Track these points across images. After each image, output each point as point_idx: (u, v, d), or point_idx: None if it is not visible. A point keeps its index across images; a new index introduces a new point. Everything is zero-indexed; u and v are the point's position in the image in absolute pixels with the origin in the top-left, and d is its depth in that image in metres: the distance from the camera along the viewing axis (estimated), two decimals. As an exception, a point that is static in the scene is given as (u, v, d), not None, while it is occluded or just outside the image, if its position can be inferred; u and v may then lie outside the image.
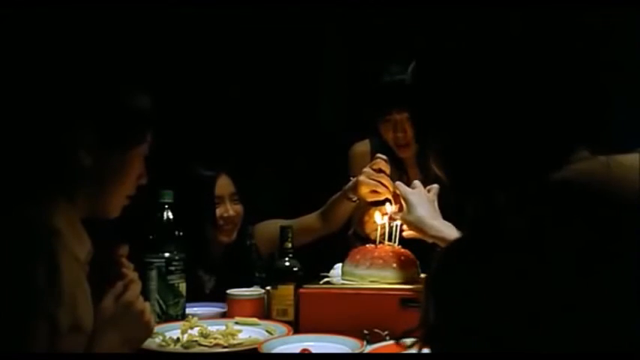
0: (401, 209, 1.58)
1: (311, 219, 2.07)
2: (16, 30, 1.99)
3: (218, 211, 2.04)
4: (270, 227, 2.15)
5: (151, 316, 1.12)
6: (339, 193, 1.94)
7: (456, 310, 0.67)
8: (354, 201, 1.89)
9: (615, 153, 0.72)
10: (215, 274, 2.08)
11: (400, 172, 2.03)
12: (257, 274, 2.12)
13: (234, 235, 2.09)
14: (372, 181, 1.73)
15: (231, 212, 2.06)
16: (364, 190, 1.77)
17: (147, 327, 1.11)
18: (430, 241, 1.45)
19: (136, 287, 1.10)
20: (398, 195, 1.61)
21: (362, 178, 1.76)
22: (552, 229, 0.65)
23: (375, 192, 1.74)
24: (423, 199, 1.51)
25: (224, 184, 2.06)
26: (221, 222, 2.05)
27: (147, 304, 1.12)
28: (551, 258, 0.63)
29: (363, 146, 2.18)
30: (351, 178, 1.85)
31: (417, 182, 1.58)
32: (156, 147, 1.17)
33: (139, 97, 1.11)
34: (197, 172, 2.05)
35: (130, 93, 1.09)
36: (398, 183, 1.61)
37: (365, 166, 1.84)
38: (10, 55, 1.83)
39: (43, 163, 1.05)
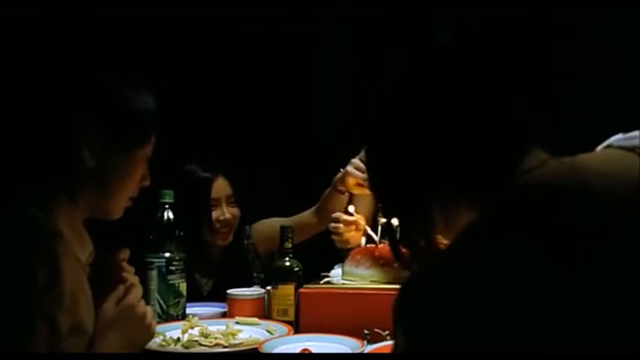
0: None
1: (307, 215, 2.06)
2: (22, 29, 2.00)
3: (214, 214, 2.02)
4: (267, 226, 2.16)
5: (152, 320, 1.12)
6: (330, 188, 1.94)
7: (421, 336, 0.65)
8: (344, 192, 1.89)
9: (581, 151, 0.70)
10: (212, 276, 2.07)
11: None
12: (255, 274, 2.13)
13: (230, 238, 2.07)
14: (359, 173, 1.74)
15: (228, 215, 2.03)
16: (351, 182, 1.79)
17: (148, 330, 1.11)
18: None
19: (138, 290, 1.11)
20: None
21: (349, 168, 1.77)
22: (514, 242, 0.62)
23: (361, 185, 1.75)
24: None
25: (221, 187, 2.04)
26: (217, 225, 2.03)
27: (148, 308, 1.12)
28: (517, 275, 0.60)
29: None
30: (341, 170, 1.85)
31: None
32: (156, 148, 1.17)
33: (143, 99, 1.10)
34: (194, 174, 2.03)
35: (134, 94, 1.09)
36: None
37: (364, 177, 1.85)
38: (16, 55, 1.84)
39: (47, 164, 1.05)
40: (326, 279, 1.61)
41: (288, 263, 1.59)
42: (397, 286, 1.55)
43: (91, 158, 1.04)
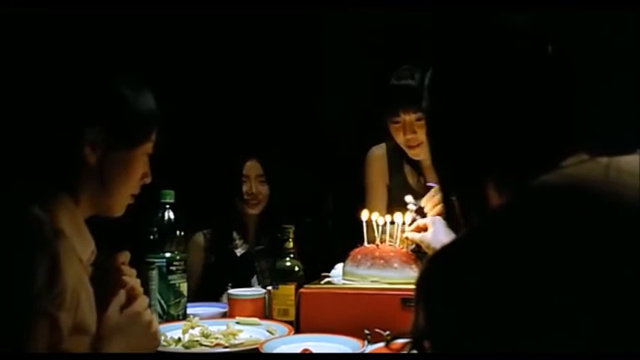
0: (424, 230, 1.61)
1: None
2: (24, 28, 2.00)
3: (245, 188, 2.38)
4: None
5: (158, 328, 1.13)
6: None
7: (444, 313, 0.67)
8: None
9: (620, 154, 0.72)
10: (246, 241, 2.41)
11: (417, 174, 2.06)
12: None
13: (260, 208, 2.41)
14: None
15: (254, 190, 2.38)
16: None
17: (154, 338, 1.12)
18: None
19: (143, 298, 1.11)
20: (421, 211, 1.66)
21: None
22: (533, 232, 0.64)
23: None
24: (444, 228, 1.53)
25: (251, 166, 2.41)
26: (247, 197, 2.39)
27: (154, 316, 1.13)
28: (535, 262, 0.62)
29: (379, 150, 2.21)
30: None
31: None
32: (164, 144, 1.17)
33: (143, 96, 1.11)
34: (230, 157, 2.44)
35: (134, 91, 1.09)
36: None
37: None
38: (17, 54, 1.83)
39: (48, 162, 1.05)
40: (326, 279, 1.61)
41: (288, 264, 1.59)
42: (398, 286, 1.56)
43: (92, 156, 1.05)
